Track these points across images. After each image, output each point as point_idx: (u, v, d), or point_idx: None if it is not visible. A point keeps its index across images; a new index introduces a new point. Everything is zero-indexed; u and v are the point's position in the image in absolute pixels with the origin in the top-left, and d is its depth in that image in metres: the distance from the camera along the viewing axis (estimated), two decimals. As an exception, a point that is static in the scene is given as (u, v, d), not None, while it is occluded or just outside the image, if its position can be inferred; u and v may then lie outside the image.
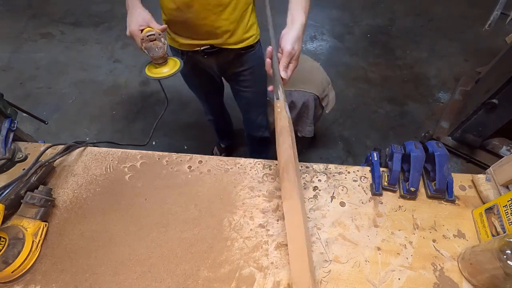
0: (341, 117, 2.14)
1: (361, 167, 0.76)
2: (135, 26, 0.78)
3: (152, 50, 0.79)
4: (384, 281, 0.58)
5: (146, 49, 0.79)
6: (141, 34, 0.77)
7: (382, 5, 3.11)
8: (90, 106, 2.21)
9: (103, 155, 0.79)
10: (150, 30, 0.78)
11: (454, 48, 2.62)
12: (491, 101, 1.52)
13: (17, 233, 0.59)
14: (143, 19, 0.79)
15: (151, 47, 0.79)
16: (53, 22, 2.91)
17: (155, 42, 0.78)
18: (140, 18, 0.79)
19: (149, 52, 0.79)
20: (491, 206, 0.62)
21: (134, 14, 0.80)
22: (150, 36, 0.77)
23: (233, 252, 0.62)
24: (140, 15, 0.80)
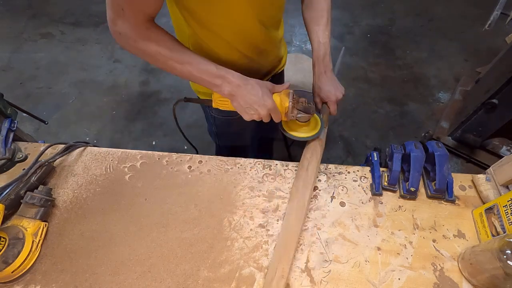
0: (341, 117, 2.13)
1: (361, 167, 0.76)
2: (269, 98, 0.62)
3: (309, 109, 0.67)
4: (384, 281, 0.58)
5: (300, 112, 0.66)
6: (288, 102, 0.64)
7: (382, 5, 3.11)
8: (90, 106, 2.21)
9: (103, 155, 0.79)
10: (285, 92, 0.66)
11: (454, 48, 2.62)
12: (491, 101, 1.52)
13: (17, 233, 0.59)
14: (267, 87, 0.64)
15: (306, 107, 0.66)
16: (53, 22, 2.90)
17: (300, 100, 0.67)
18: (265, 88, 0.63)
19: (307, 113, 0.67)
20: (491, 206, 0.62)
21: (255, 86, 0.62)
22: (295, 97, 0.66)
23: (233, 252, 0.62)
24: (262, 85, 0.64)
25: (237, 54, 0.73)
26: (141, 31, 0.56)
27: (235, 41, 0.70)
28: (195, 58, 0.60)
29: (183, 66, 0.59)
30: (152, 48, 0.58)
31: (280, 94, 0.66)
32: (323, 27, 0.79)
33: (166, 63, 0.60)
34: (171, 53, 0.59)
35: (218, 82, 0.61)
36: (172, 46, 0.59)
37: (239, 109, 0.63)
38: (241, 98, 0.61)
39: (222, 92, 0.62)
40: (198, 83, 0.63)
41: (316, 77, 0.81)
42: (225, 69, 0.61)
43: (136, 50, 0.59)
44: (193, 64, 0.60)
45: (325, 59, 0.79)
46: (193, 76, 0.61)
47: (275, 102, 0.63)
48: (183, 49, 0.60)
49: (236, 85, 0.60)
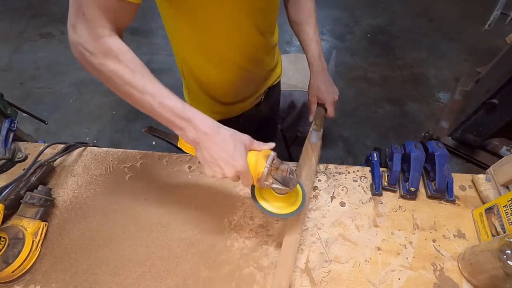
0: (341, 117, 2.13)
1: (361, 167, 0.76)
2: (243, 160, 0.48)
3: (290, 181, 0.51)
4: (384, 281, 0.58)
5: (276, 183, 0.50)
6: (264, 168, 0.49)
7: (382, 5, 3.11)
8: (90, 106, 2.21)
9: (103, 155, 0.79)
10: (264, 153, 0.51)
11: (454, 48, 2.62)
12: (491, 101, 1.52)
13: (17, 233, 0.59)
14: (242, 142, 0.50)
15: (285, 179, 0.51)
16: (53, 22, 2.90)
17: (281, 168, 0.51)
18: (239, 144, 0.49)
19: (287, 186, 0.51)
20: (491, 206, 0.62)
21: (226, 140, 0.48)
22: (275, 163, 0.51)
23: (233, 252, 0.62)
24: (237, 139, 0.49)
25: (231, 66, 0.70)
26: (100, 43, 0.47)
27: (230, 51, 0.67)
28: (160, 90, 0.48)
29: (143, 95, 0.48)
30: (110, 66, 0.47)
31: (258, 154, 0.51)
32: (313, 27, 0.79)
33: (123, 88, 0.48)
34: (132, 78, 0.47)
35: (182, 125, 0.48)
36: (135, 68, 0.48)
37: (202, 161, 0.51)
38: (205, 150, 0.48)
39: (185, 137, 0.50)
40: (158, 120, 0.50)
41: (315, 75, 0.81)
42: (194, 111, 0.49)
43: (91, 67, 0.49)
44: (156, 96, 0.47)
45: (320, 58, 0.80)
46: (153, 110, 0.48)
47: (249, 163, 0.49)
48: (148, 75, 0.49)
49: (203, 133, 0.48)
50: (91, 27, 0.46)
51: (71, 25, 0.47)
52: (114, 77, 0.48)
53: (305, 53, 0.82)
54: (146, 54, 2.53)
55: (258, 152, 0.52)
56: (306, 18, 0.79)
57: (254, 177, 0.51)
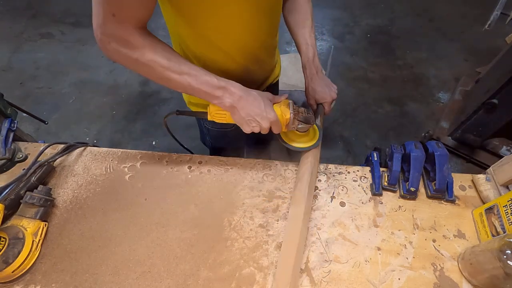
0: (341, 117, 2.13)
1: (361, 167, 0.76)
2: (272, 111, 0.60)
3: (310, 119, 0.65)
4: (384, 281, 0.58)
5: (300, 123, 0.64)
6: (289, 114, 0.62)
7: (382, 5, 3.11)
8: (90, 106, 2.21)
9: (103, 155, 0.79)
10: (285, 103, 0.64)
11: (454, 48, 2.62)
12: (491, 101, 1.52)
13: (17, 233, 0.59)
14: (267, 97, 0.62)
15: (306, 117, 0.65)
16: (53, 22, 2.90)
17: (300, 110, 0.65)
18: (266, 100, 0.61)
19: (308, 123, 0.65)
20: (491, 206, 0.62)
21: (257, 98, 0.59)
22: (295, 108, 0.64)
23: (233, 252, 0.62)
24: (262, 97, 0.60)
25: (233, 64, 0.71)
26: (135, 38, 0.52)
27: (233, 51, 0.68)
28: (194, 69, 0.56)
29: (181, 76, 0.55)
30: (147, 57, 0.53)
31: (280, 105, 0.64)
32: (309, 29, 0.79)
33: (162, 74, 0.54)
34: (169, 63, 0.54)
35: (219, 94, 0.57)
36: (169, 55, 0.54)
37: (240, 122, 0.59)
38: (242, 110, 0.58)
39: (223, 104, 0.58)
40: (196, 95, 0.58)
41: (309, 79, 0.81)
42: (226, 80, 0.57)
43: (129, 61, 0.54)
44: (192, 74, 0.55)
45: (314, 61, 0.79)
46: (192, 87, 0.56)
47: (276, 113, 0.61)
48: (180, 58, 0.56)
49: (238, 97, 0.57)
50: (121, 27, 0.51)
51: (99, 25, 0.51)
52: (154, 65, 0.53)
53: (300, 55, 0.82)
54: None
55: (279, 103, 0.64)
56: (302, 20, 0.79)
57: (283, 124, 0.63)
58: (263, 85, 0.88)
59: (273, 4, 0.66)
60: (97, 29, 0.52)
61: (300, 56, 0.82)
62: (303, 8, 0.79)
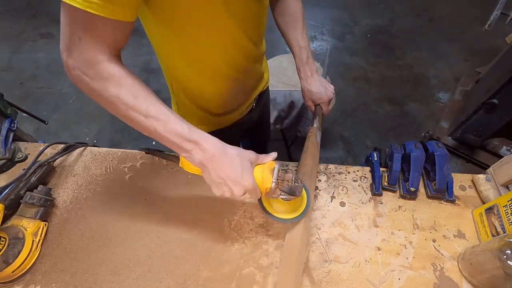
0: (341, 117, 2.13)
1: (361, 167, 0.76)
2: (250, 177, 0.50)
3: (295, 190, 0.53)
4: (384, 281, 0.58)
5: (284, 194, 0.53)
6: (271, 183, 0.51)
7: (382, 5, 3.11)
8: (90, 106, 2.21)
9: (103, 155, 0.79)
10: (269, 167, 0.52)
11: (454, 48, 2.62)
12: (491, 101, 1.52)
13: (17, 233, 0.59)
14: (249, 159, 0.51)
15: (291, 188, 0.53)
16: (53, 22, 2.90)
17: (286, 177, 0.53)
18: (246, 162, 0.50)
19: (293, 195, 0.53)
20: (491, 206, 0.62)
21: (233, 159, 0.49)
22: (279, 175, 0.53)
23: (233, 252, 0.62)
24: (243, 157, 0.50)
25: (224, 78, 0.69)
26: (100, 68, 0.46)
27: (221, 63, 0.66)
28: (164, 113, 0.48)
29: (147, 119, 0.47)
30: (111, 92, 0.46)
31: (263, 168, 0.53)
32: (300, 31, 0.78)
33: (125, 112, 0.47)
34: (134, 101, 0.46)
35: (188, 147, 0.48)
36: (137, 92, 0.47)
37: (209, 182, 0.51)
38: (213, 171, 0.49)
39: (191, 159, 0.50)
40: (163, 143, 0.50)
41: (304, 81, 0.81)
42: (200, 133, 0.49)
43: (91, 92, 0.48)
44: (160, 119, 0.47)
45: (308, 62, 0.79)
46: (157, 134, 0.48)
47: (256, 179, 0.51)
48: (151, 98, 0.48)
49: (210, 155, 0.48)
50: (88, 53, 0.45)
51: (65, 49, 0.46)
52: (116, 102, 0.47)
53: (294, 58, 0.81)
54: (146, 54, 2.53)
55: (263, 165, 0.53)
56: (293, 22, 0.78)
57: (262, 191, 0.53)
58: (253, 94, 0.87)
59: (259, 14, 0.66)
60: (62, 52, 0.47)
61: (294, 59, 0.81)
62: (293, 10, 0.78)
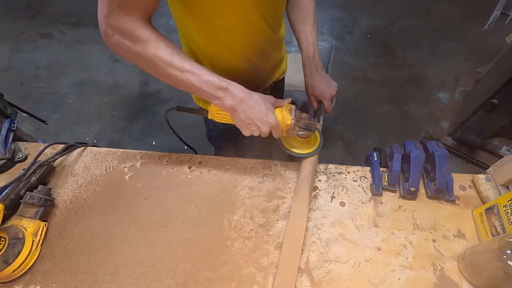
0: (341, 117, 2.13)
1: (361, 167, 0.76)
2: (273, 116, 0.59)
3: (311, 125, 0.64)
4: (384, 281, 0.58)
5: (301, 130, 0.63)
6: (290, 120, 0.61)
7: (382, 5, 3.11)
8: (90, 106, 2.21)
9: (103, 155, 0.79)
10: (287, 108, 0.63)
11: (454, 48, 2.62)
12: (491, 101, 1.52)
13: (17, 233, 0.59)
14: (269, 101, 0.61)
15: (307, 124, 0.63)
16: (53, 22, 2.90)
17: (302, 116, 0.64)
18: (268, 103, 0.59)
19: (309, 130, 0.64)
20: (491, 206, 0.62)
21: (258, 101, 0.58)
22: (297, 114, 0.63)
23: (233, 252, 0.62)
24: (264, 100, 0.59)
25: (238, 58, 0.71)
26: (138, 32, 0.51)
27: (238, 43, 0.68)
28: (197, 67, 0.55)
29: (183, 74, 0.54)
30: (150, 51, 0.52)
31: (282, 109, 0.62)
32: (311, 27, 0.79)
33: (164, 70, 0.54)
34: (171, 59, 0.53)
35: (220, 94, 0.56)
36: (172, 51, 0.53)
37: (240, 124, 0.59)
38: (243, 113, 0.57)
39: (223, 105, 0.57)
40: (197, 95, 0.57)
41: (308, 76, 0.81)
42: (228, 81, 0.56)
43: (131, 54, 0.53)
44: (195, 73, 0.54)
45: (314, 58, 0.80)
46: (192, 86, 0.55)
47: (277, 118, 0.60)
48: (183, 55, 0.55)
49: (239, 99, 0.56)
50: (126, 19, 0.50)
51: (104, 17, 0.51)
52: (155, 60, 0.53)
53: (300, 52, 0.82)
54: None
55: (281, 107, 0.62)
56: (304, 17, 0.79)
57: (283, 129, 0.62)
58: (268, 80, 0.87)
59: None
60: (101, 21, 0.51)
61: (300, 54, 0.82)
62: (305, 5, 0.79)
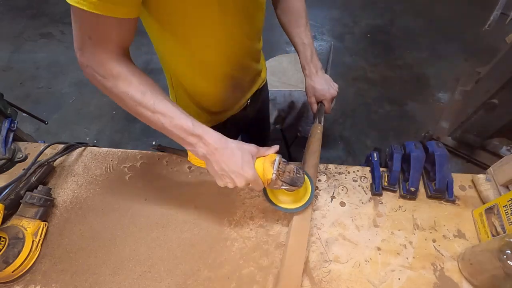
0: (341, 117, 2.13)
1: (361, 167, 0.76)
2: (252, 169, 0.52)
3: (297, 180, 0.55)
4: (384, 281, 0.58)
5: (284, 185, 0.55)
6: (271, 174, 0.53)
7: (382, 5, 3.11)
8: (90, 106, 2.21)
9: (103, 155, 0.79)
10: (270, 159, 0.55)
11: (454, 48, 2.62)
12: (491, 101, 1.52)
13: (17, 233, 0.59)
14: (250, 152, 0.54)
15: (293, 179, 0.55)
16: (53, 22, 2.90)
17: (287, 168, 0.55)
18: (247, 155, 0.53)
19: (295, 185, 0.55)
20: (491, 206, 0.62)
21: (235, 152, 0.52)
22: (281, 167, 0.55)
23: (233, 252, 0.62)
24: (244, 150, 0.53)
25: (221, 76, 0.70)
26: (110, 66, 0.49)
27: (220, 62, 0.67)
28: (170, 109, 0.51)
29: (154, 115, 0.50)
30: (120, 88, 0.49)
31: (264, 160, 0.55)
32: (304, 28, 0.78)
33: (134, 108, 0.51)
34: (142, 98, 0.49)
35: (192, 141, 0.52)
36: (144, 89, 0.50)
37: (213, 174, 0.54)
38: (216, 164, 0.52)
39: (195, 153, 0.53)
40: (170, 137, 0.53)
41: (308, 78, 0.81)
42: (203, 127, 0.52)
43: (103, 88, 0.51)
44: (167, 115, 0.50)
45: (313, 60, 0.79)
46: (164, 128, 0.52)
47: (257, 170, 0.53)
48: (158, 94, 0.51)
49: (213, 148, 0.51)
50: (98, 52, 0.48)
51: (78, 48, 0.49)
52: (126, 98, 0.50)
53: (298, 56, 0.81)
54: (146, 54, 2.53)
55: (264, 158, 0.55)
56: (296, 20, 0.78)
57: (264, 182, 0.55)
58: (249, 91, 0.87)
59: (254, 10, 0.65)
60: (76, 51, 0.49)
61: (298, 57, 0.82)
62: (295, 8, 0.78)
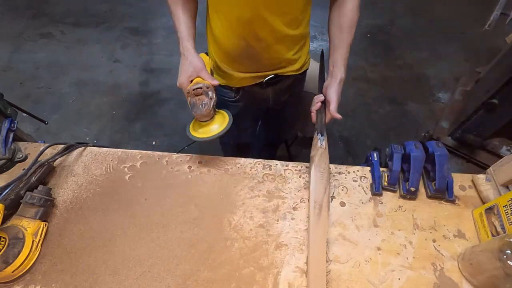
0: (341, 117, 2.13)
1: (361, 167, 0.76)
2: (184, 77, 0.71)
3: (195, 107, 0.68)
4: (384, 281, 0.58)
5: (190, 104, 0.69)
6: (187, 87, 0.69)
7: (382, 5, 3.11)
8: (90, 106, 2.21)
9: (103, 155, 0.79)
10: (198, 82, 0.69)
11: (454, 48, 2.62)
12: (491, 101, 1.52)
13: (17, 233, 0.59)
14: (194, 68, 0.71)
15: (194, 104, 0.68)
16: (53, 22, 2.90)
17: (200, 97, 0.68)
18: (191, 68, 0.71)
19: (192, 109, 0.69)
20: (491, 206, 0.62)
21: (185, 63, 0.72)
22: (196, 90, 0.68)
23: (233, 252, 0.62)
24: (191, 64, 0.71)
25: (235, 33, 0.78)
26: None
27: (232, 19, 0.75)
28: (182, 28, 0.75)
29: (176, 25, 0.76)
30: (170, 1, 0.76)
31: (198, 79, 0.71)
32: (351, 37, 0.78)
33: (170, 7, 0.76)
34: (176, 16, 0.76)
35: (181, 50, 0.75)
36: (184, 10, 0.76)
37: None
38: (180, 65, 0.74)
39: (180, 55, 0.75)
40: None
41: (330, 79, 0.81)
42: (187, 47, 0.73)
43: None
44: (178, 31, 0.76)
45: (340, 84, 0.80)
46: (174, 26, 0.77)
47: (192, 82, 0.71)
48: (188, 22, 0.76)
49: (182, 54, 0.74)
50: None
51: None
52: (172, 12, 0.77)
53: (330, 55, 0.81)
54: (146, 54, 2.53)
55: (202, 80, 0.70)
56: (342, 39, 0.78)
57: (185, 92, 0.71)
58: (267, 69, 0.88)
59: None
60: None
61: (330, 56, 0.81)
62: (347, 20, 0.78)
